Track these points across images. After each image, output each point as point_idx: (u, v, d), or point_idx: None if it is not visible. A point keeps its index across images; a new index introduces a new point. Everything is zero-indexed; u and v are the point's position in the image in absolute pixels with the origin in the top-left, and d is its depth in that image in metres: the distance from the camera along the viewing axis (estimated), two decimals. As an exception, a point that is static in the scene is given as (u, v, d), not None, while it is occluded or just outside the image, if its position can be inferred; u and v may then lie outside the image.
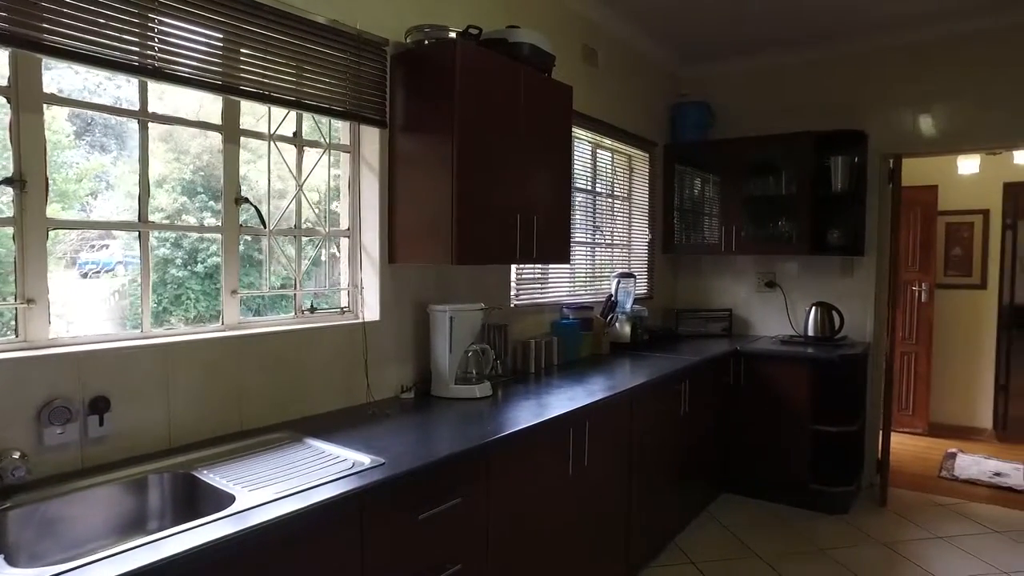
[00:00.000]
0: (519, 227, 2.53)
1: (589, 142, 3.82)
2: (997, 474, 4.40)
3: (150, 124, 1.90)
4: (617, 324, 3.80)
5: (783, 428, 3.79)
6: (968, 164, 4.92)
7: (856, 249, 4.05)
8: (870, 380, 4.10)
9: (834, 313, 4.04)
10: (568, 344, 3.38)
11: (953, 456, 4.76)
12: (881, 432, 4.06)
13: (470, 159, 2.29)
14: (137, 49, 1.71)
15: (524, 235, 2.56)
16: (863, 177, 4.00)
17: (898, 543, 3.37)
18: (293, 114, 2.24)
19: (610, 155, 4.06)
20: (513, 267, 3.17)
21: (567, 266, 3.60)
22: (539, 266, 3.40)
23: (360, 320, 2.39)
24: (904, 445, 4.99)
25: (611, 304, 3.71)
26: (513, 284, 3.20)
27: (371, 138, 2.42)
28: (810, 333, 4.10)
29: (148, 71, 1.74)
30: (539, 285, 3.45)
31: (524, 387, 2.74)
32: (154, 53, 1.74)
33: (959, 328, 5.29)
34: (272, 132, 2.20)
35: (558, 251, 2.86)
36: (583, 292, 3.83)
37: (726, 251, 4.29)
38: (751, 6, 3.62)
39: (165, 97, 1.99)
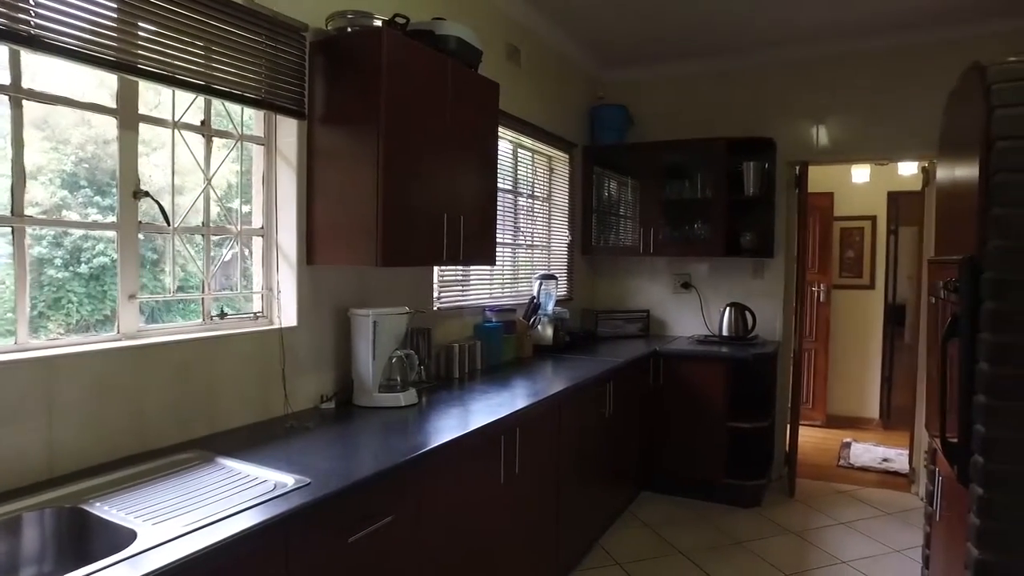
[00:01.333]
0: (446, 227, 2.43)
1: (511, 141, 3.77)
2: (885, 460, 4.73)
3: (25, 103, 1.64)
4: (540, 326, 3.77)
5: (701, 426, 3.89)
6: (860, 173, 5.28)
7: (766, 251, 4.22)
8: (779, 377, 4.29)
9: (747, 313, 4.20)
10: (491, 348, 3.30)
11: (848, 445, 5.08)
12: (789, 426, 4.26)
13: (397, 155, 2.17)
14: (6, 11, 1.46)
15: (451, 236, 2.47)
16: (773, 182, 4.19)
17: (807, 531, 3.54)
18: (200, 101, 2.03)
19: (531, 155, 4.03)
20: (435, 269, 3.06)
21: (488, 268, 3.52)
22: (460, 268, 3.31)
23: (276, 326, 2.21)
24: (805, 437, 5.27)
25: (534, 306, 3.68)
26: (436, 286, 3.09)
27: (288, 130, 2.24)
28: (725, 333, 4.24)
29: (22, 38, 1.50)
30: (460, 288, 3.36)
31: (449, 393, 2.64)
32: (29, 17, 1.50)
33: (852, 326, 5.66)
34: (176, 120, 1.99)
35: (484, 252, 2.78)
36: (504, 294, 3.77)
37: (644, 253, 4.37)
38: (666, 17, 3.71)
39: (38, 79, 1.73)
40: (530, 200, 4.05)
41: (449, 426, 2.13)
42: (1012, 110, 1.95)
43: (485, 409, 2.38)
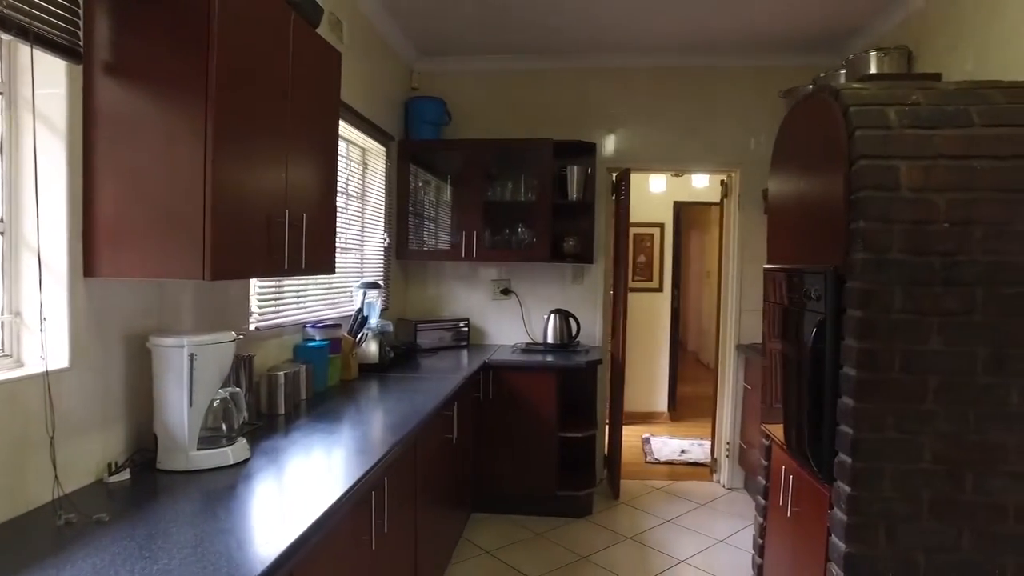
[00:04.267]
0: (288, 228, 1.89)
1: (328, 128, 3.22)
2: (683, 451, 5.09)
3: None
4: (365, 343, 3.29)
5: (532, 439, 3.74)
6: (657, 183, 5.65)
7: (587, 257, 4.24)
8: (599, 382, 4.33)
9: (571, 320, 4.16)
10: (317, 372, 2.76)
11: (648, 441, 5.39)
12: (609, 429, 4.34)
13: (232, 130, 1.60)
14: None
15: (293, 239, 1.93)
16: (595, 187, 4.21)
17: (641, 534, 3.58)
18: None
19: (345, 145, 3.51)
20: (254, 280, 2.45)
21: (314, 278, 2.96)
22: (275, 279, 2.71)
23: (33, 370, 1.48)
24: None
25: (361, 320, 3.19)
26: (254, 300, 2.47)
27: (51, 77, 1.51)
28: (549, 340, 4.15)
29: None
30: (274, 302, 2.75)
31: (285, 438, 2.09)
32: None
33: (644, 326, 6.05)
34: None
35: (326, 260, 2.26)
36: (322, 307, 3.21)
37: (466, 257, 4.10)
38: (487, 7, 3.49)
39: None
40: (344, 198, 3.53)
41: (306, 488, 1.62)
42: (870, 131, 2.06)
43: (341, 456, 1.90)
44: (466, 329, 4.34)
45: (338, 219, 3.28)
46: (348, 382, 3.03)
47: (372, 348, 3.32)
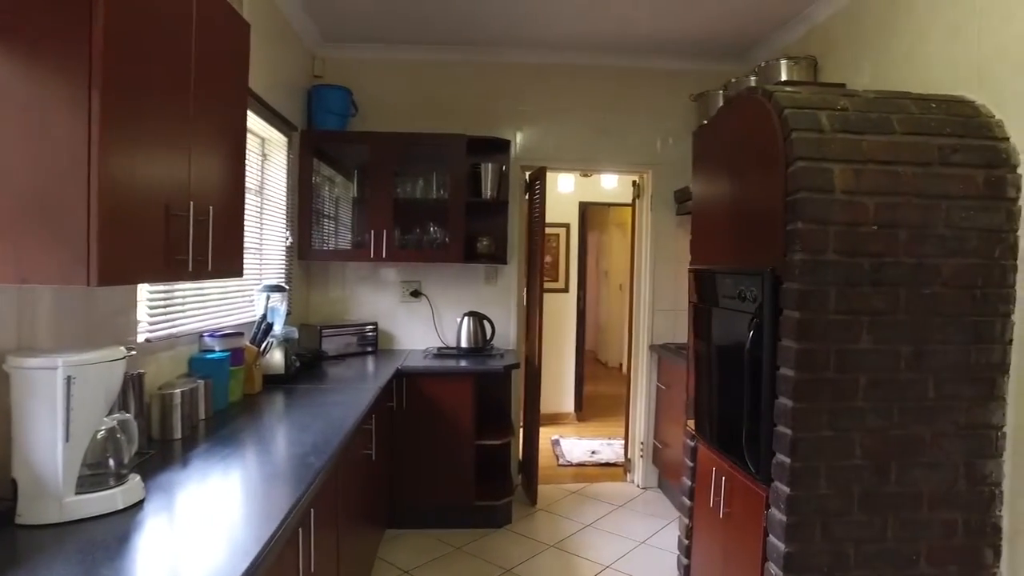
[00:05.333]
0: (192, 224, 1.61)
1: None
2: (593, 452, 5.10)
3: None
4: (269, 352, 2.97)
5: (449, 449, 3.56)
6: (566, 182, 5.62)
7: (501, 257, 4.11)
8: (513, 386, 4.22)
9: (486, 323, 4.02)
10: (217, 388, 2.43)
11: (558, 443, 5.35)
12: (523, 433, 4.24)
13: (122, 104, 1.31)
14: None
15: (198, 237, 1.64)
16: (508, 185, 4.09)
17: (563, 541, 3.50)
18: None
19: (242, 135, 3.16)
20: (143, 284, 2.10)
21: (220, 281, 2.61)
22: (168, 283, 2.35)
23: None
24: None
25: (266, 327, 2.87)
26: (143, 308, 2.12)
27: None
28: (463, 344, 3.99)
29: None
30: (166, 308, 2.39)
31: (184, 469, 1.79)
32: None
33: (551, 326, 6.00)
34: None
35: (234, 261, 1.97)
36: (219, 313, 2.86)
37: (376, 258, 3.84)
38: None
39: None
40: (240, 191, 3.17)
41: (224, 535, 1.36)
42: (806, 134, 2.08)
43: (256, 488, 1.64)
44: (374, 334, 4.08)
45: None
46: (252, 397, 2.71)
47: (277, 357, 3.01)
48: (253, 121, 3.13)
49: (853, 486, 2.11)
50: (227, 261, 1.85)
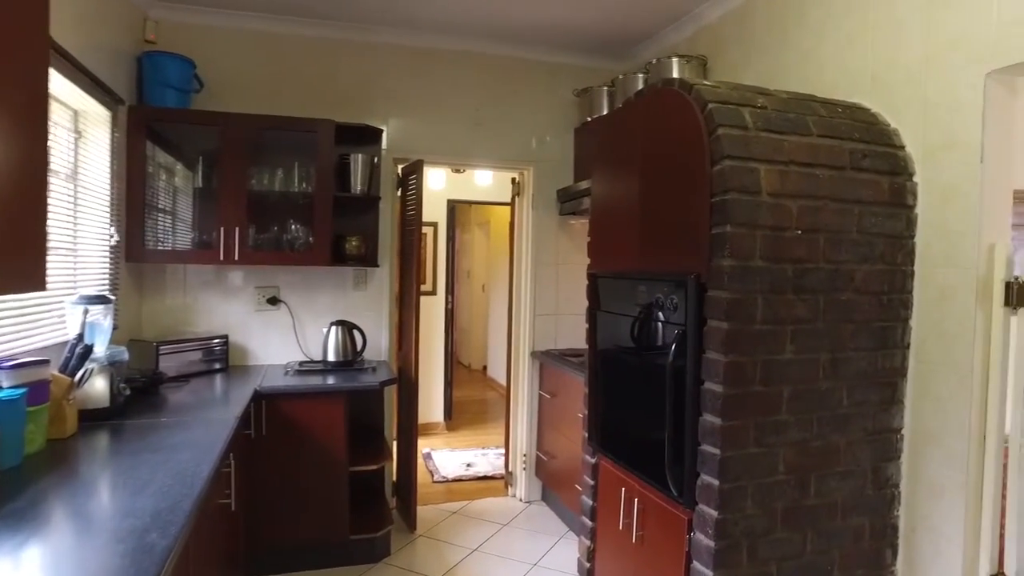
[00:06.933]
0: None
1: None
2: (468, 464, 4.82)
3: None
4: (87, 381, 2.34)
5: (318, 478, 3.10)
6: (437, 179, 5.25)
7: (372, 260, 3.70)
8: (386, 401, 3.82)
9: (356, 332, 3.58)
10: (7, 438, 1.82)
11: (429, 456, 5.01)
12: (398, 453, 3.86)
13: None
14: None
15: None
16: (379, 180, 3.68)
17: (450, 571, 3.18)
18: None
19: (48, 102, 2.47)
20: None
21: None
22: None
23: None
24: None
25: (83, 350, 2.25)
26: None
27: None
28: (330, 357, 3.52)
29: None
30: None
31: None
32: None
33: (420, 332, 5.64)
34: None
35: (27, 269, 1.42)
36: (10, 336, 2.19)
37: (227, 260, 3.25)
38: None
39: None
40: (48, 177, 2.48)
41: None
42: (731, 130, 1.94)
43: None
44: (224, 348, 3.48)
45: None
46: (63, 443, 2.09)
47: (99, 386, 2.38)
48: (61, 84, 2.46)
49: (776, 503, 2.02)
50: (18, 270, 1.32)
